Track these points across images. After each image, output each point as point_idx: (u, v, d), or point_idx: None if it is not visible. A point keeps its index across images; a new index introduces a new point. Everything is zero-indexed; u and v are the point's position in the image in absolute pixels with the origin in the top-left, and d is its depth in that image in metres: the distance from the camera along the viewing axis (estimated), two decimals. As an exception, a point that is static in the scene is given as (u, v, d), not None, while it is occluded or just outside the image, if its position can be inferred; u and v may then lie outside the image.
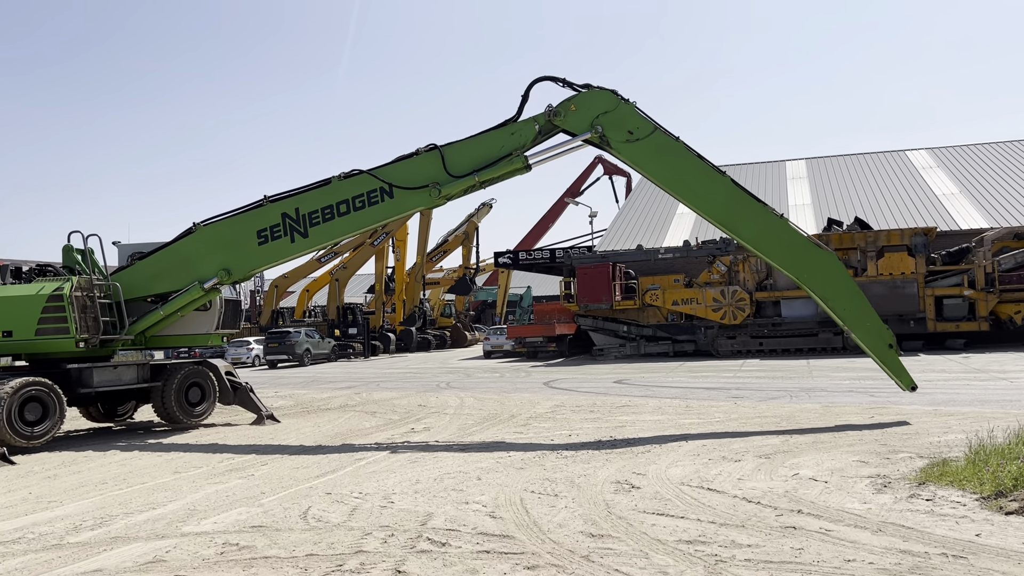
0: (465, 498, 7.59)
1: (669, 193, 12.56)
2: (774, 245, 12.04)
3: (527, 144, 12.35)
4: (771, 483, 7.69)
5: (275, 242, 12.92)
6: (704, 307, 29.01)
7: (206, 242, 13.27)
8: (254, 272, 13.58)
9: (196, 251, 13.31)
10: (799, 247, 12.01)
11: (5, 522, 7.51)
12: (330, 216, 12.70)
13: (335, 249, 47.56)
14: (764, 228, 12.03)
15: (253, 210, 13.06)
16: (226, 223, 13.23)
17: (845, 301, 11.95)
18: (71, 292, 12.84)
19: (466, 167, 12.31)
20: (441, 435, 12.13)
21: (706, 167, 12.07)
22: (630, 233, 37.18)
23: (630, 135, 12.01)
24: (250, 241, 13.04)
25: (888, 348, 11.97)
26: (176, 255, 13.47)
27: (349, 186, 12.66)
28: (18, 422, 11.92)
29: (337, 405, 17.49)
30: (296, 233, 12.83)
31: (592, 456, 9.57)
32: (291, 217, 12.81)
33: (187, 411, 14.49)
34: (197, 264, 13.27)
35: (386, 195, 12.49)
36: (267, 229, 12.92)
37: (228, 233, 13.19)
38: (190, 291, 13.33)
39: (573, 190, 57.24)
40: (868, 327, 11.97)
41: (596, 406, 14.85)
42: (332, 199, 12.69)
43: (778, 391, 16.22)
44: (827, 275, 11.93)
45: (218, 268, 13.16)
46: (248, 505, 7.73)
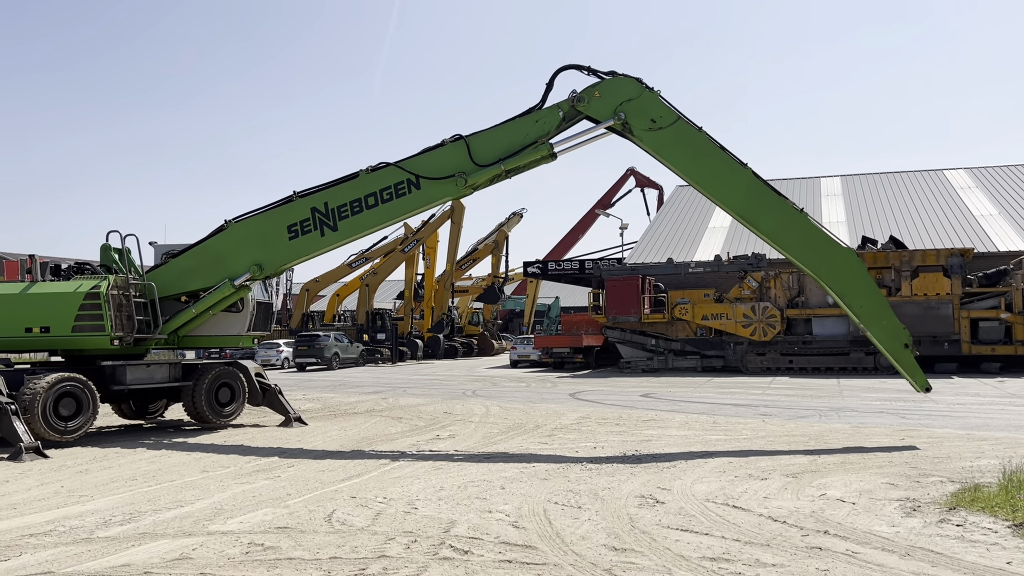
0: (488, 507, 7.60)
1: (689, 183, 12.46)
2: (793, 239, 11.94)
3: (551, 131, 12.40)
4: (798, 503, 7.61)
5: (305, 236, 13.10)
6: (734, 323, 28.77)
7: (238, 238, 13.49)
8: (285, 267, 13.74)
9: (228, 247, 13.54)
10: (818, 241, 11.92)
11: (37, 514, 7.66)
12: (359, 209, 12.86)
13: (366, 255, 48.02)
14: (783, 221, 11.94)
15: (283, 206, 13.26)
16: (257, 219, 13.44)
17: (862, 298, 11.84)
18: (107, 291, 13.08)
19: (492, 156, 12.39)
20: (466, 443, 12.16)
21: (727, 158, 12.00)
22: (661, 246, 37.02)
23: (653, 123, 12.00)
24: (281, 236, 13.22)
25: (904, 348, 11.89)
26: (208, 252, 13.70)
27: (376, 179, 12.81)
28: (52, 417, 12.15)
29: (364, 410, 17.60)
30: (326, 227, 12.99)
31: (617, 469, 9.53)
32: (320, 211, 12.99)
33: (217, 411, 14.67)
34: (229, 260, 13.49)
35: (413, 187, 12.62)
36: (297, 224, 13.11)
37: (259, 229, 13.40)
38: (221, 288, 13.54)
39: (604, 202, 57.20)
40: (884, 325, 11.87)
41: (622, 419, 14.79)
42: (360, 192, 12.86)
43: (807, 410, 16.03)
44: (845, 271, 11.83)
45: (250, 263, 13.37)
46: (274, 506, 7.80)
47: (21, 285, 13.62)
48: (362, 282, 46.54)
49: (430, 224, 46.72)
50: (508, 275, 53.84)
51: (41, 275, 14.19)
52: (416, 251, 47.11)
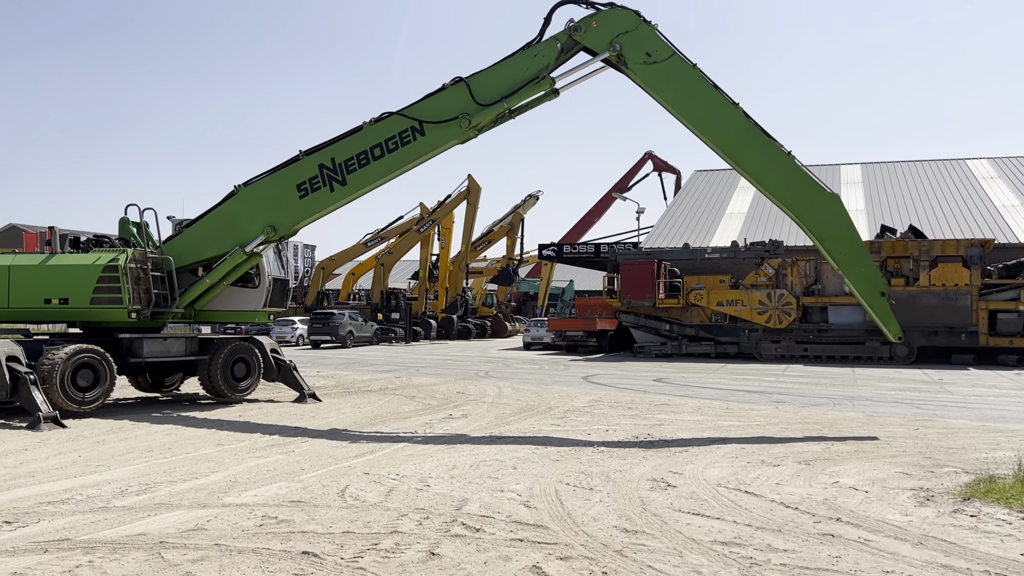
0: (500, 486, 7.63)
1: (679, 119, 12.29)
2: (778, 181, 11.92)
3: (550, 64, 12.41)
4: (810, 490, 7.59)
5: (315, 194, 13.21)
6: (749, 309, 28.63)
7: (249, 202, 13.61)
8: (298, 226, 13.81)
9: (240, 212, 13.65)
10: (803, 185, 11.88)
11: (55, 483, 7.77)
12: (365, 161, 12.95)
13: (382, 234, 48.10)
14: (770, 163, 11.90)
15: (291, 165, 13.37)
16: (266, 181, 13.54)
17: (842, 244, 11.88)
18: (126, 264, 13.18)
19: (494, 95, 12.42)
20: (478, 423, 12.20)
21: (720, 97, 11.95)
22: (677, 231, 36.83)
23: (648, 57, 11.96)
24: (291, 196, 13.33)
25: (880, 296, 12.00)
26: (221, 218, 13.82)
27: (380, 129, 12.89)
28: (70, 387, 12.30)
29: (377, 388, 17.69)
30: (334, 182, 13.10)
31: (629, 452, 9.54)
32: (328, 167, 13.08)
33: (232, 385, 14.79)
34: (242, 224, 13.60)
35: (417, 133, 12.70)
36: (306, 182, 13.22)
37: (269, 190, 13.51)
38: (233, 256, 13.63)
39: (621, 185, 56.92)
40: (862, 272, 11.94)
41: (635, 403, 14.79)
42: (366, 144, 12.94)
43: (821, 398, 15.97)
44: (827, 216, 11.83)
45: (263, 225, 13.48)
46: (288, 480, 7.87)
47: (41, 257, 13.74)
48: (377, 261, 46.64)
49: (446, 205, 46.69)
50: (523, 257, 53.79)
51: (60, 247, 14.31)
52: (431, 231, 47.11)
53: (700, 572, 5.15)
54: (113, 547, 5.62)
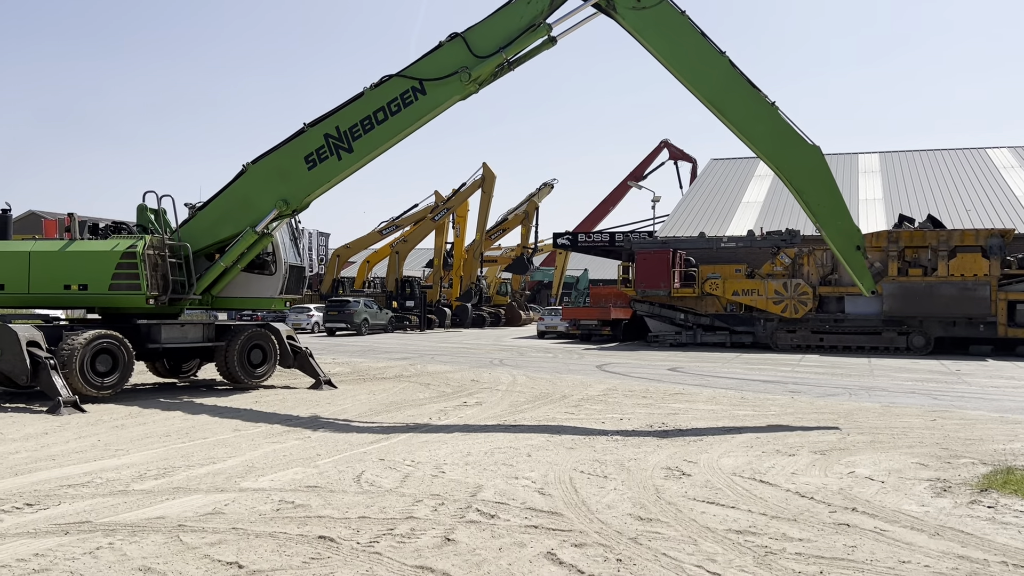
0: (515, 473, 7.66)
1: (664, 66, 12.23)
2: (760, 131, 11.89)
3: (544, 10, 12.47)
4: (826, 479, 7.57)
5: (323, 164, 13.32)
6: (765, 299, 28.49)
7: (259, 178, 13.71)
8: (310, 198, 13.87)
9: (251, 189, 13.76)
10: (785, 136, 11.85)
11: (75, 466, 7.86)
12: (370, 126, 13.04)
13: (396, 223, 48.18)
14: (753, 113, 11.87)
15: (297, 138, 13.46)
16: (274, 156, 13.64)
17: (821, 196, 11.88)
18: (144, 250, 13.28)
19: (491, 46, 12.50)
20: (493, 410, 12.24)
21: (707, 45, 11.94)
22: (693, 220, 36.66)
23: (637, 2, 11.94)
24: (299, 168, 13.44)
25: (856, 249, 12.00)
26: (234, 197, 13.92)
27: (382, 92, 12.98)
28: (90, 372, 12.42)
29: (392, 375, 17.76)
30: (341, 150, 13.21)
31: (643, 441, 9.54)
32: (333, 136, 13.19)
33: (249, 372, 14.89)
34: (255, 201, 13.70)
35: (418, 93, 12.78)
36: (313, 153, 13.32)
37: (278, 165, 13.62)
38: (244, 237, 13.74)
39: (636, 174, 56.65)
40: (839, 226, 11.95)
41: (649, 392, 14.78)
42: (369, 109, 13.04)
43: (837, 388, 15.90)
44: (807, 168, 11.82)
45: (275, 200, 13.58)
46: (304, 465, 7.93)
47: (60, 243, 13.87)
48: (392, 249, 46.74)
49: (461, 193, 46.69)
50: (537, 246, 53.74)
51: (79, 234, 14.42)
52: (446, 220, 47.14)
53: (715, 560, 5.16)
54: (133, 530, 5.68)
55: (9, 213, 15.02)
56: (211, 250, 14.33)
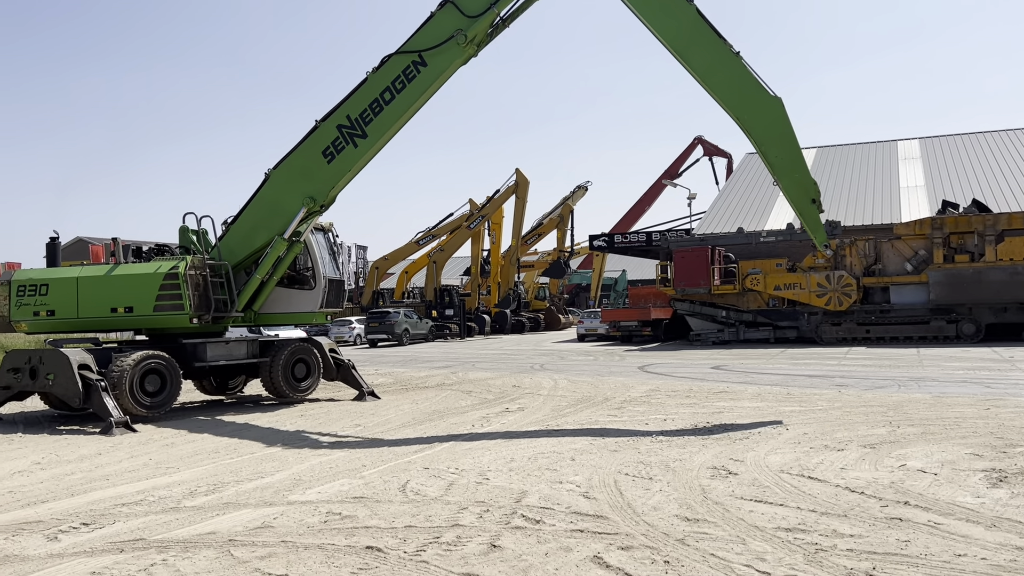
0: (559, 478, 7.64)
1: (632, 10, 12.07)
2: (722, 80, 11.75)
3: None
4: (876, 473, 7.43)
5: (341, 155, 13.55)
6: (808, 292, 28.09)
7: (282, 181, 13.96)
8: (334, 191, 14.01)
9: (277, 193, 14.00)
10: (747, 86, 11.69)
11: (129, 485, 8.03)
12: (379, 108, 13.26)
13: (433, 232, 48.47)
14: (716, 61, 11.74)
15: (311, 135, 13.72)
16: (293, 157, 13.90)
17: (778, 149, 11.72)
18: (185, 271, 13.53)
19: (482, 5, 12.65)
20: (535, 415, 12.23)
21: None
22: (730, 216, 36.29)
23: None
24: (319, 164, 13.68)
25: (811, 203, 11.88)
26: (262, 204, 14.17)
27: (384, 73, 13.21)
28: (139, 392, 12.69)
29: (434, 384, 17.85)
30: (355, 138, 13.43)
31: (688, 441, 9.46)
32: (346, 126, 13.42)
33: (293, 386, 15.08)
34: (283, 204, 13.94)
35: (420, 66, 13.01)
36: (330, 146, 13.56)
37: (298, 165, 13.87)
38: (275, 245, 13.99)
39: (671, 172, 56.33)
40: (796, 178, 11.84)
41: (692, 391, 14.65)
42: (375, 92, 13.26)
43: (885, 380, 15.60)
44: (767, 119, 11.66)
45: (302, 199, 13.80)
46: (350, 477, 8.01)
47: (106, 267, 14.21)
48: (429, 259, 47.02)
49: (495, 200, 46.80)
50: (574, 249, 53.56)
51: (124, 257, 14.76)
52: (482, 227, 47.27)
53: (764, 559, 5.09)
54: (185, 546, 5.79)
55: (58, 240, 15.43)
56: (250, 263, 14.55)
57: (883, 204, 34.45)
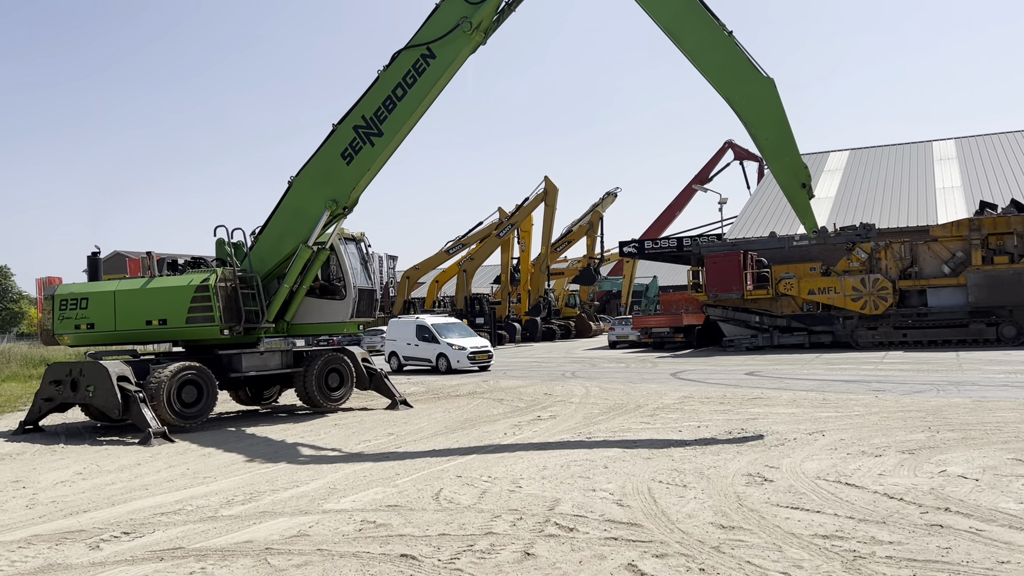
0: (592, 485, 7.62)
1: None
2: (714, 60, 11.60)
3: None
4: (915, 479, 7.30)
5: (359, 155, 13.76)
6: (843, 296, 27.72)
7: (305, 188, 14.17)
8: (356, 192, 14.17)
9: (301, 199, 14.21)
10: (739, 67, 11.50)
11: (167, 495, 8.16)
12: (392, 105, 13.44)
13: (462, 241, 48.63)
14: (710, 41, 11.59)
15: (329, 139, 13.94)
16: (313, 163, 14.13)
17: (770, 130, 11.50)
18: (216, 283, 13.72)
19: None
20: (567, 423, 12.20)
21: None
22: (762, 220, 35.96)
23: None
24: (339, 166, 13.89)
25: (801, 187, 11.62)
26: (287, 212, 14.39)
27: (395, 70, 13.39)
28: (176, 403, 12.89)
29: (466, 392, 17.89)
30: (372, 136, 13.62)
31: (722, 448, 9.38)
32: (362, 126, 13.63)
33: (327, 395, 15.21)
34: (307, 209, 14.14)
35: (428, 59, 13.17)
36: (348, 147, 13.79)
37: (319, 170, 14.08)
38: (300, 254, 14.15)
39: (701, 176, 55.95)
40: (786, 161, 11.57)
41: (726, 398, 14.52)
42: (387, 89, 13.44)
43: (923, 384, 15.33)
44: (759, 100, 11.44)
45: (325, 202, 13.95)
46: (384, 485, 8.05)
47: (141, 281, 14.47)
48: (459, 268, 47.16)
49: (524, 208, 46.84)
50: (604, 256, 53.36)
51: (159, 271, 15.02)
52: (511, 235, 47.31)
53: (801, 567, 5.03)
54: (223, 554, 5.87)
55: (99, 255, 15.75)
56: (280, 272, 14.72)
57: (919, 206, 33.92)
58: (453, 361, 24.66)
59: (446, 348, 24.96)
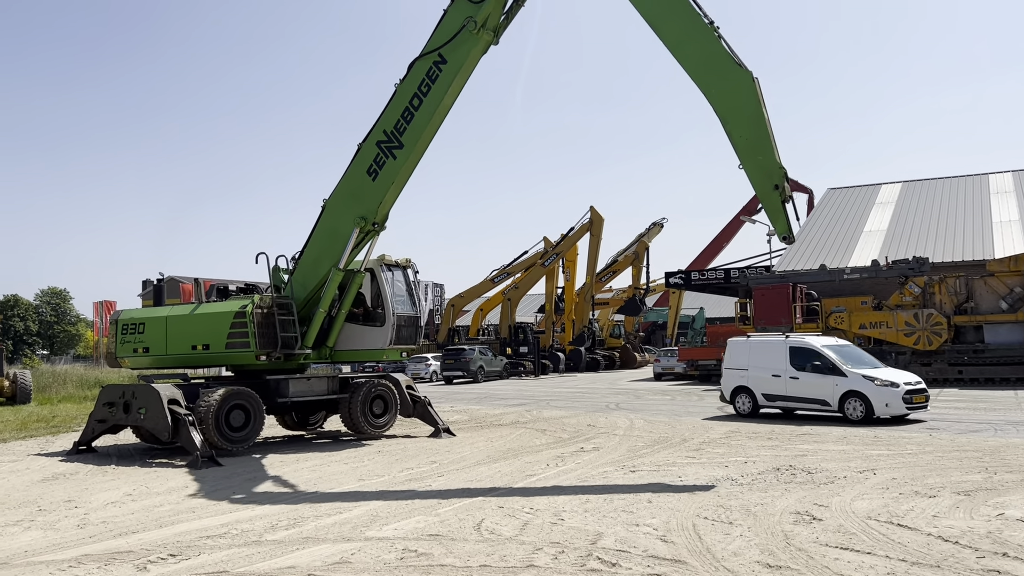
0: (635, 520, 7.52)
1: None
2: (693, 52, 11.30)
3: None
4: (971, 522, 7.06)
5: (384, 170, 14.00)
6: (895, 331, 27.10)
7: (337, 208, 14.46)
8: (383, 207, 14.34)
9: (334, 220, 14.46)
10: (717, 59, 11.16)
11: (213, 518, 8.27)
12: (410, 116, 13.68)
13: (507, 270, 48.82)
14: (688, 33, 11.33)
15: (355, 158, 14.23)
16: (342, 183, 14.45)
17: (744, 128, 11.02)
18: (252, 310, 13.96)
19: None
20: (611, 455, 12.08)
21: None
22: (812, 252, 35.44)
23: None
24: (365, 183, 14.15)
25: (774, 189, 10.99)
26: (323, 233, 14.63)
27: (410, 81, 13.66)
28: (225, 427, 13.09)
29: (509, 421, 17.84)
30: (393, 150, 13.87)
31: (769, 484, 9.19)
32: (384, 140, 13.89)
33: (371, 422, 15.30)
34: (339, 229, 14.39)
35: (440, 65, 13.39)
36: (372, 164, 14.06)
37: (348, 189, 14.37)
38: (332, 278, 14.36)
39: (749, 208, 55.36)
40: (759, 161, 11.02)
41: (774, 433, 14.25)
42: (404, 101, 13.71)
43: (980, 424, 14.86)
44: (735, 94, 11.03)
45: (354, 220, 14.18)
46: (425, 514, 8.05)
47: (190, 307, 14.85)
48: (504, 297, 47.28)
49: (569, 238, 46.90)
50: (649, 286, 53.03)
51: (212, 297, 15.36)
52: (556, 265, 47.33)
53: (851, 610, 4.89)
54: (266, 579, 5.91)
55: (163, 281, 16.21)
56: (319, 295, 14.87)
57: (974, 240, 33.12)
58: (877, 405, 15.61)
59: (862, 384, 15.95)
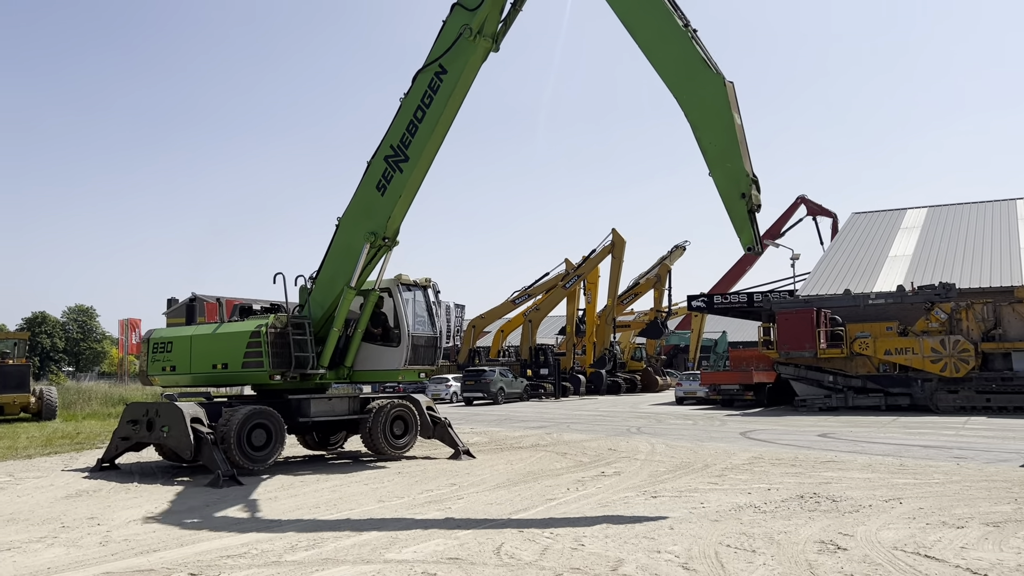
0: (657, 547, 7.44)
1: None
2: (666, 54, 11.06)
3: None
4: (1001, 554, 6.92)
5: (391, 184, 14.10)
6: (921, 358, 26.76)
7: (350, 225, 14.57)
8: (393, 222, 14.35)
9: (347, 236, 14.57)
10: (690, 62, 10.86)
11: (234, 537, 8.29)
12: (414, 128, 13.79)
13: (528, 291, 48.84)
14: (662, 35, 11.07)
15: (365, 175, 14.37)
16: (354, 200, 14.58)
17: (713, 134, 10.66)
18: (267, 330, 14.05)
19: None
20: (632, 480, 11.98)
21: None
22: (836, 277, 35.15)
23: None
24: (374, 198, 14.27)
25: (740, 198, 10.50)
26: (338, 250, 14.73)
27: (413, 94, 13.80)
28: (246, 446, 13.14)
29: (529, 444, 17.76)
30: (400, 164, 13.98)
31: (793, 512, 9.07)
32: (391, 155, 14.03)
33: (392, 443, 15.29)
34: (352, 246, 14.49)
35: (441, 76, 13.50)
36: (381, 179, 14.19)
37: (359, 205, 14.49)
38: (344, 296, 14.41)
39: (773, 231, 55.14)
40: (728, 168, 10.61)
41: (798, 460, 14.07)
42: (408, 114, 13.83)
43: (1010, 453, 14.58)
44: (706, 99, 10.71)
45: (365, 236, 14.27)
46: (445, 537, 8.02)
47: (212, 326, 15.02)
48: (525, 318, 47.30)
49: (591, 260, 46.91)
50: (671, 309, 52.84)
51: (231, 316, 15.52)
52: (577, 287, 47.36)
53: (878, 644, 4.79)
54: (285, 600, 5.90)
55: (195, 302, 16.42)
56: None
57: (1002, 265, 32.70)
58: None
59: None
